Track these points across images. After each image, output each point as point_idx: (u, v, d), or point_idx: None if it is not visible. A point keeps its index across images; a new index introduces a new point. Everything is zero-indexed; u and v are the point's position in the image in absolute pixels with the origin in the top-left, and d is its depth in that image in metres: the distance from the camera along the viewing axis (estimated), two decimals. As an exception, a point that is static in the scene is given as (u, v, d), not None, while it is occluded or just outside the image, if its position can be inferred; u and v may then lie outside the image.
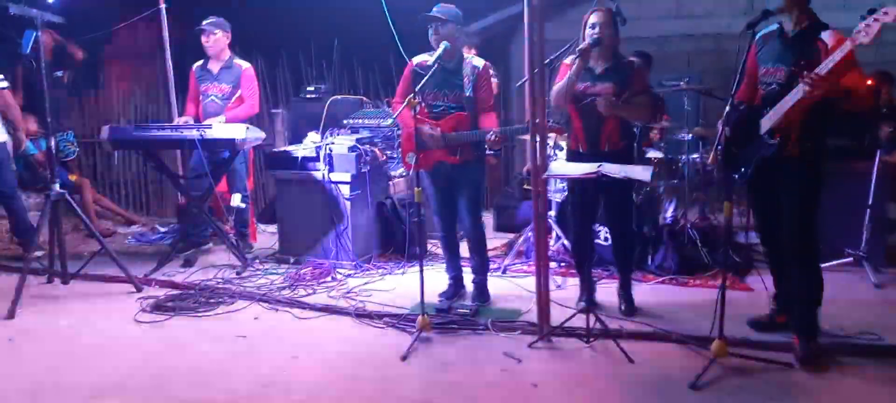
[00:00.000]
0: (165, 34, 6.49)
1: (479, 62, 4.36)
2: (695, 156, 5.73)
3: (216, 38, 5.67)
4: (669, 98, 6.06)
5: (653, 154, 5.40)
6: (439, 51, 4.15)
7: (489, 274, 4.64)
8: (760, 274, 4.16)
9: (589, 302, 4.08)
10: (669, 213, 5.72)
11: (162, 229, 6.97)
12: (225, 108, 5.66)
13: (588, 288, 4.30)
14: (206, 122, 5.42)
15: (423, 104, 4.30)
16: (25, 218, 5.70)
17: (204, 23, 5.66)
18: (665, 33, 7.90)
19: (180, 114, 6.12)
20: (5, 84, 5.55)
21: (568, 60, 4.12)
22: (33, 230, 5.20)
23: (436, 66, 4.13)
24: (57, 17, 5.02)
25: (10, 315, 4.41)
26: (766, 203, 3.71)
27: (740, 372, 3.36)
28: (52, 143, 4.95)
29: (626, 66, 4.13)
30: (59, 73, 6.52)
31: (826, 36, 3.32)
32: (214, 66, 5.76)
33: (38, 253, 5.29)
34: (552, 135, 5.09)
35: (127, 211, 7.72)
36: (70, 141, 6.77)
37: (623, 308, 4.29)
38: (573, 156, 4.23)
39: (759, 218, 3.87)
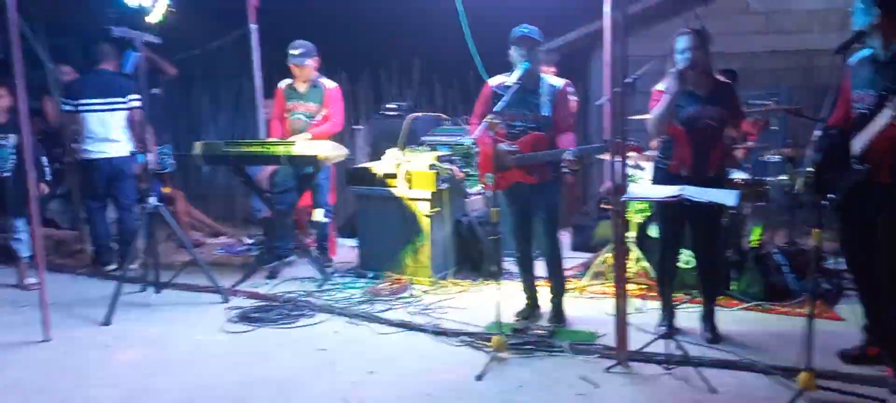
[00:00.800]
0: (255, 53, 6.74)
1: (558, 82, 4.35)
2: (783, 177, 5.54)
3: (306, 68, 5.82)
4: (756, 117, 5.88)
5: (738, 175, 5.25)
6: (520, 71, 4.16)
7: (566, 294, 4.62)
8: (851, 304, 3.99)
9: (669, 327, 4.01)
10: (755, 237, 5.53)
11: (248, 241, 7.23)
12: (310, 126, 5.84)
13: (669, 313, 4.22)
14: (292, 139, 5.60)
15: (501, 124, 4.34)
16: (133, 232, 5.86)
17: (293, 55, 5.77)
18: (753, 49, 7.67)
19: (267, 131, 6.34)
20: (138, 102, 6.01)
21: (661, 86, 4.07)
22: (134, 244, 5.50)
23: (517, 86, 4.14)
24: (155, 38, 5.32)
25: (107, 321, 4.67)
26: (855, 229, 3.58)
27: (829, 407, 3.24)
28: (151, 157, 5.23)
29: (727, 88, 4.07)
30: (156, 90, 6.86)
31: None
32: (301, 86, 5.94)
33: (134, 264, 5.57)
34: (632, 154, 5.03)
35: (216, 223, 8.04)
36: (167, 154, 7.11)
37: (708, 336, 4.17)
38: (673, 179, 4.04)
39: (847, 245, 3.72)
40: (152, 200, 5.09)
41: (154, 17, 5.37)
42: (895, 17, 3.26)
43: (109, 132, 6.04)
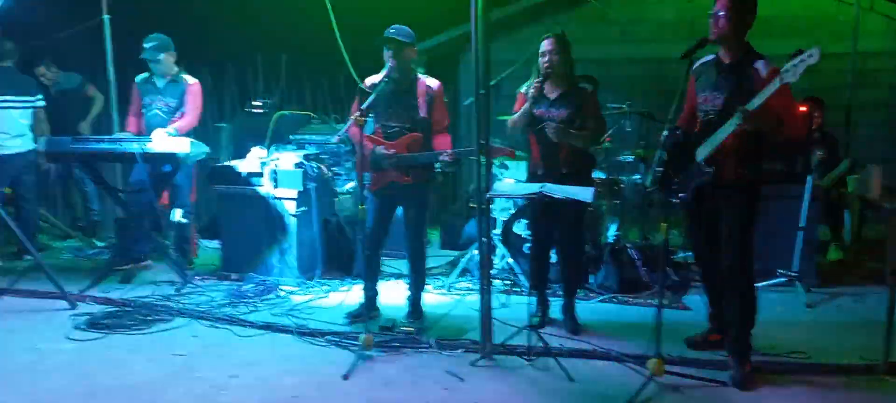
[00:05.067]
0: (108, 44, 6.36)
1: (434, 83, 4.35)
2: (636, 177, 5.86)
3: (160, 63, 5.57)
4: (611, 120, 6.18)
5: (595, 175, 5.49)
6: (384, 72, 4.16)
7: (436, 291, 4.64)
8: (699, 294, 4.27)
9: (543, 319, 4.16)
10: (611, 233, 5.82)
11: (100, 244, 6.78)
12: (169, 122, 5.56)
13: (543, 306, 4.39)
14: (148, 135, 5.31)
15: (378, 125, 4.32)
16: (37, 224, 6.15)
17: (146, 48, 5.51)
18: (610, 57, 8.07)
19: (122, 128, 6.00)
20: (43, 101, 6.22)
21: (523, 89, 4.22)
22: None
23: (382, 85, 4.12)
24: None
25: (-65, 332, 4.24)
26: (703, 226, 3.82)
27: (676, 390, 3.44)
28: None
29: (580, 92, 4.23)
30: None
31: (760, 65, 3.45)
32: (159, 80, 5.65)
33: None
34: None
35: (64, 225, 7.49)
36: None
37: (569, 326, 4.34)
38: (531, 178, 4.32)
39: (695, 241, 3.98)
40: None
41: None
42: (741, 28, 3.53)
43: (21, 128, 6.02)
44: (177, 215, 5.60)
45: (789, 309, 4.76)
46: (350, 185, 6.24)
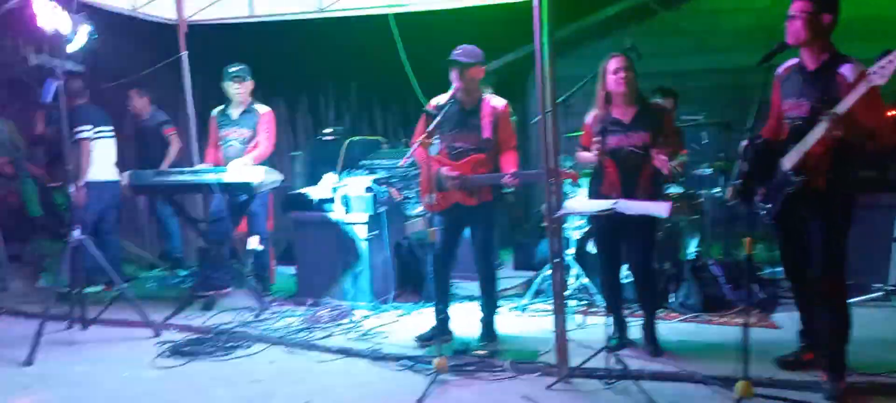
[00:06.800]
0: (186, 80, 6.58)
1: (500, 103, 4.32)
2: (716, 190, 5.64)
3: (246, 85, 5.76)
4: (689, 133, 5.99)
5: (672, 189, 5.31)
6: (450, 93, 4.15)
7: (510, 313, 4.56)
8: (789, 311, 4.05)
9: (621, 340, 4.01)
10: (692, 249, 5.61)
11: (182, 272, 7.00)
12: (244, 153, 5.70)
13: (620, 326, 4.25)
14: (224, 166, 5.46)
15: (443, 146, 4.31)
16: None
17: (233, 73, 5.71)
18: (685, 69, 7.84)
19: (201, 160, 6.19)
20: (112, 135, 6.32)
21: (589, 119, 4.12)
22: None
23: (448, 107, 4.12)
24: (78, 66, 5.10)
25: (29, 361, 4.42)
26: (793, 238, 3.63)
27: (766, 414, 3.26)
28: (73, 189, 5.02)
29: (656, 110, 4.10)
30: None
31: (846, 70, 3.27)
32: (235, 112, 5.81)
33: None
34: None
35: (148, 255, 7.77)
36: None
37: (649, 348, 4.18)
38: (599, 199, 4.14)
39: (785, 254, 3.77)
40: (76, 233, 4.86)
41: (75, 45, 5.13)
42: (821, 30, 3.35)
43: (109, 159, 6.22)
44: (253, 243, 5.72)
45: (889, 326, 4.46)
46: (420, 208, 6.25)
